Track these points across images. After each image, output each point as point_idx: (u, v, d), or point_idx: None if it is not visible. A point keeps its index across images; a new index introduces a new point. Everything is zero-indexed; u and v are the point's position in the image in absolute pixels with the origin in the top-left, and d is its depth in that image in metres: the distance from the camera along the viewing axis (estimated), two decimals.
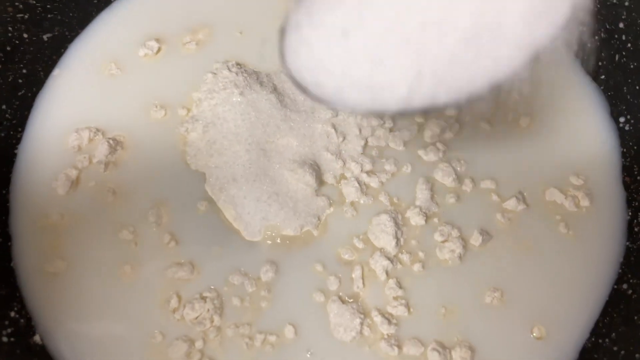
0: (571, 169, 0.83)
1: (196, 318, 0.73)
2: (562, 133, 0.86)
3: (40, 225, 0.79)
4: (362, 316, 0.74)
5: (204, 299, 0.74)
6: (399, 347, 0.73)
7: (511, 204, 0.80)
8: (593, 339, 0.75)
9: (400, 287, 0.76)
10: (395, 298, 0.75)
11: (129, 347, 0.73)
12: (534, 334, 0.75)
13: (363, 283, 0.76)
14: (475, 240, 0.78)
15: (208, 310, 0.74)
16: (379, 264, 0.76)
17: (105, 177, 0.82)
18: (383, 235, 0.77)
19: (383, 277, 0.76)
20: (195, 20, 0.93)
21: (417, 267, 0.77)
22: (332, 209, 0.80)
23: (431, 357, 0.72)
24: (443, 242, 0.78)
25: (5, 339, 0.71)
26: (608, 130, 0.87)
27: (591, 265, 0.78)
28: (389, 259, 0.76)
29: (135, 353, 0.73)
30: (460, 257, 0.77)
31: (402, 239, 0.78)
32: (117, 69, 0.89)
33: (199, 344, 0.73)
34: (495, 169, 0.83)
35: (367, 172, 0.82)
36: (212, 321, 0.73)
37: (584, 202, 0.81)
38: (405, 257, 0.77)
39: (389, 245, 0.77)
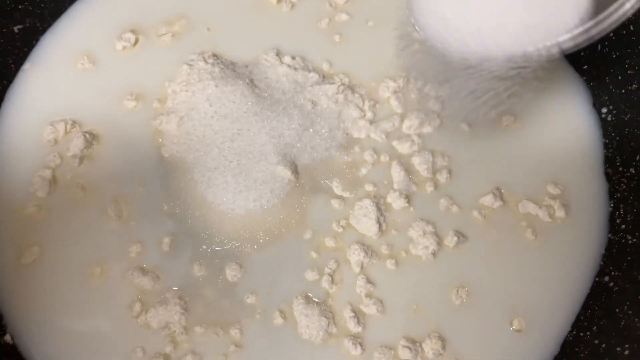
0: (552, 161, 0.82)
1: (161, 323, 0.72)
2: (544, 124, 0.85)
3: (14, 219, 0.77)
4: (330, 314, 0.73)
5: (166, 302, 0.73)
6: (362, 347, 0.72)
7: (488, 200, 0.79)
8: (574, 332, 0.74)
9: (370, 283, 0.75)
10: (367, 295, 0.74)
11: (101, 346, 0.72)
12: (514, 327, 0.74)
13: (332, 280, 0.75)
14: (450, 241, 0.77)
15: (174, 313, 0.72)
16: (354, 257, 0.75)
17: (79, 171, 0.80)
18: (365, 220, 0.76)
19: (357, 270, 0.75)
20: (172, 11, 0.91)
21: (390, 262, 0.76)
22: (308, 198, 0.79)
23: (402, 354, 0.71)
24: (421, 235, 0.76)
25: None
26: (590, 121, 0.85)
27: (572, 258, 0.78)
28: (365, 252, 0.75)
29: (107, 353, 0.71)
30: (434, 254, 0.76)
31: (384, 224, 0.77)
32: (91, 61, 0.87)
33: (168, 349, 0.72)
34: (473, 163, 0.82)
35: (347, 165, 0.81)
36: (179, 324, 0.72)
37: (566, 194, 0.80)
38: (383, 249, 0.76)
39: (371, 231, 0.76)
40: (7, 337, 0.72)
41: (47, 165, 0.80)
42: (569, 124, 0.85)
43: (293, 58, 0.86)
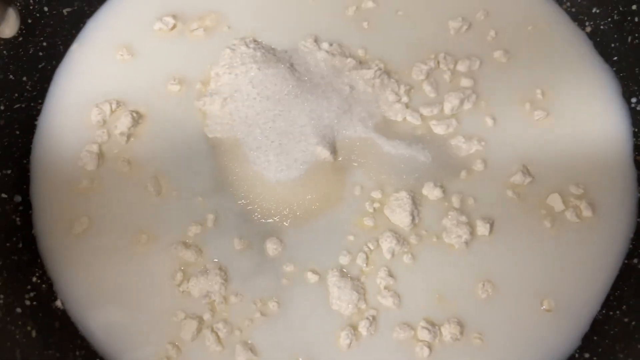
0: (583, 150, 0.84)
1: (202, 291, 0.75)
2: (574, 114, 0.87)
3: (64, 192, 0.80)
4: (362, 291, 0.75)
5: (207, 272, 0.76)
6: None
7: (518, 179, 0.81)
8: (604, 312, 0.76)
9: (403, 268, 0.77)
10: (389, 285, 0.76)
11: (144, 311, 0.75)
12: (544, 307, 0.76)
13: (367, 262, 0.77)
14: (482, 229, 0.79)
15: (214, 283, 0.75)
16: (386, 244, 0.77)
17: (126, 148, 0.83)
18: (400, 211, 0.78)
19: (389, 256, 0.77)
20: (205, 6, 0.93)
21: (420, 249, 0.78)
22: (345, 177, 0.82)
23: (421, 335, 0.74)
24: (454, 224, 0.79)
25: (27, 303, 0.73)
26: (620, 110, 0.88)
27: (602, 241, 0.80)
28: (398, 240, 0.77)
29: (150, 317, 0.75)
30: (466, 243, 0.78)
31: (417, 218, 0.79)
32: (135, 46, 0.90)
33: (207, 316, 0.75)
34: (505, 147, 0.84)
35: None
36: (219, 293, 0.75)
37: (596, 182, 0.82)
38: (413, 239, 0.78)
39: (404, 222, 0.78)
40: (58, 303, 0.75)
41: (94, 140, 0.83)
42: (599, 113, 0.87)
43: (330, 44, 0.89)
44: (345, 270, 0.77)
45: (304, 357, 0.74)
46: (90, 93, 0.87)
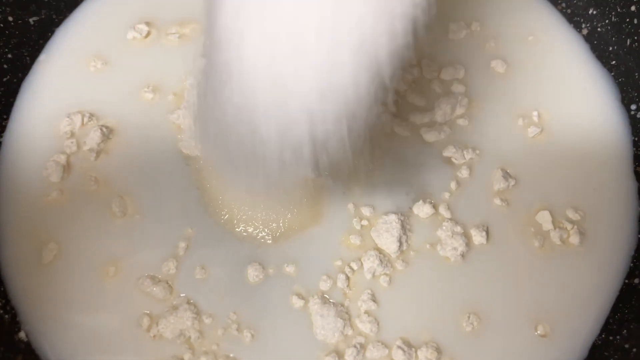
0: (580, 159, 0.80)
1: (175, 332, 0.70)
2: (571, 121, 0.82)
3: (29, 211, 0.76)
4: (346, 316, 0.71)
5: (176, 309, 0.70)
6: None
7: (502, 186, 0.77)
8: (603, 336, 0.72)
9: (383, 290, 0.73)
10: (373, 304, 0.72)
11: (117, 345, 0.70)
12: (538, 332, 0.72)
13: (348, 284, 0.73)
14: (478, 238, 0.75)
15: (185, 319, 0.70)
16: (368, 264, 0.73)
17: (95, 165, 0.78)
18: (387, 236, 0.73)
19: (369, 277, 0.73)
20: (186, 13, 0.88)
21: (403, 265, 0.74)
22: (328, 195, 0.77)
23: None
24: (447, 237, 0.74)
25: None
26: (619, 118, 0.83)
27: (600, 259, 0.75)
28: (381, 260, 0.73)
29: (123, 352, 0.70)
30: (462, 255, 0.74)
31: (405, 244, 0.74)
32: (107, 54, 0.85)
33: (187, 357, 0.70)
34: (501, 154, 0.80)
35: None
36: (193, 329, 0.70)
37: (594, 194, 0.78)
38: (399, 263, 0.74)
39: (390, 249, 0.73)
40: (22, 334, 0.71)
41: (62, 151, 0.78)
42: (597, 120, 0.83)
43: None
44: (327, 295, 0.72)
45: None
46: (58, 107, 0.82)
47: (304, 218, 0.76)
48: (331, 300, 0.72)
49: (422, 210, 0.75)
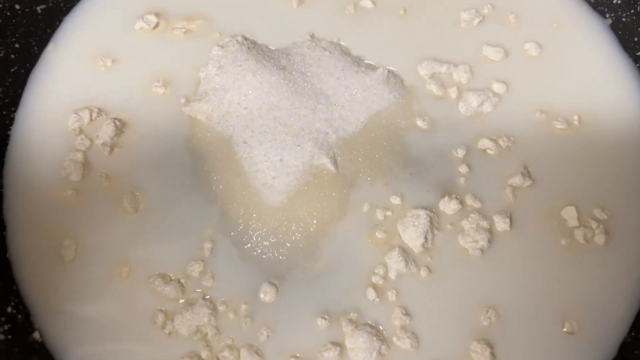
0: (611, 157, 0.78)
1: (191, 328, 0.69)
2: (595, 115, 0.80)
3: (42, 209, 0.73)
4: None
5: (192, 305, 0.69)
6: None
7: (517, 181, 0.75)
8: (633, 334, 0.70)
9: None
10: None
11: (132, 343, 0.68)
12: (565, 329, 0.70)
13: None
14: (501, 225, 0.73)
15: (202, 316, 0.68)
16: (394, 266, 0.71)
17: (109, 160, 0.76)
18: (412, 230, 0.71)
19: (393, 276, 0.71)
20: (196, 6, 0.86)
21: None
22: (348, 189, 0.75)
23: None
24: (472, 229, 0.72)
25: (2, 337, 0.66)
26: None
27: (627, 260, 0.73)
28: (406, 260, 0.71)
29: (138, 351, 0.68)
30: (482, 250, 0.72)
31: (429, 242, 0.72)
32: (116, 45, 0.83)
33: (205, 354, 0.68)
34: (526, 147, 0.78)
35: None
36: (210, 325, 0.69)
37: (622, 194, 0.76)
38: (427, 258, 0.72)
39: (415, 244, 0.71)
40: (36, 335, 0.69)
41: (77, 149, 0.76)
42: (622, 114, 0.80)
43: (330, 43, 0.82)
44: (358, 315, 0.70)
45: None
46: (68, 98, 0.80)
47: (320, 218, 0.73)
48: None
49: (448, 206, 0.73)
